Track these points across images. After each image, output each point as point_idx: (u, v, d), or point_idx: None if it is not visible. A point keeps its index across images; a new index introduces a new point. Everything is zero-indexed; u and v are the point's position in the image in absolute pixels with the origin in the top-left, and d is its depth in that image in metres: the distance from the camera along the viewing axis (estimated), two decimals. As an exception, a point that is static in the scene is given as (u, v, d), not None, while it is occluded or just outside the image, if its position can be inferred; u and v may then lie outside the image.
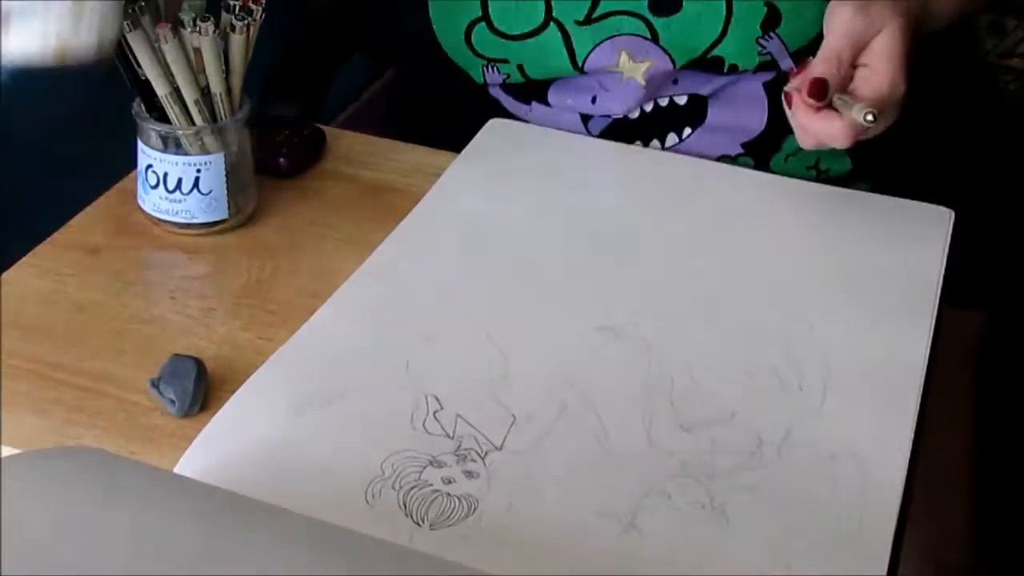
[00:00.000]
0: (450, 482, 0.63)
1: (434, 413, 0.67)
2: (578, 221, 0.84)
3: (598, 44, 0.91)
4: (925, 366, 0.73)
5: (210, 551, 0.48)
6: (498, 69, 0.94)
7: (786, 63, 0.91)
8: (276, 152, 0.90)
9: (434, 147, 0.92)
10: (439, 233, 0.83)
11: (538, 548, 0.60)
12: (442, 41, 0.93)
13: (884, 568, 0.60)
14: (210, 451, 0.64)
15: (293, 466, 0.64)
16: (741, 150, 0.95)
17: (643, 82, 0.92)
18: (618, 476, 0.64)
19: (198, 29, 0.76)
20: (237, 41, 0.78)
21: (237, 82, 0.80)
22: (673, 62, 0.91)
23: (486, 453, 0.65)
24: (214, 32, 0.76)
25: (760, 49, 0.90)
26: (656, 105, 0.94)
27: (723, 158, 0.95)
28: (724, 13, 0.89)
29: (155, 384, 0.69)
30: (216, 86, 0.79)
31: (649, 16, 0.90)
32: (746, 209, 0.86)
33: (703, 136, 0.94)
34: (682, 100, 0.94)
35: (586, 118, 0.96)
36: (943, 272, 0.80)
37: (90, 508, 0.50)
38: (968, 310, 0.88)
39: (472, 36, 0.92)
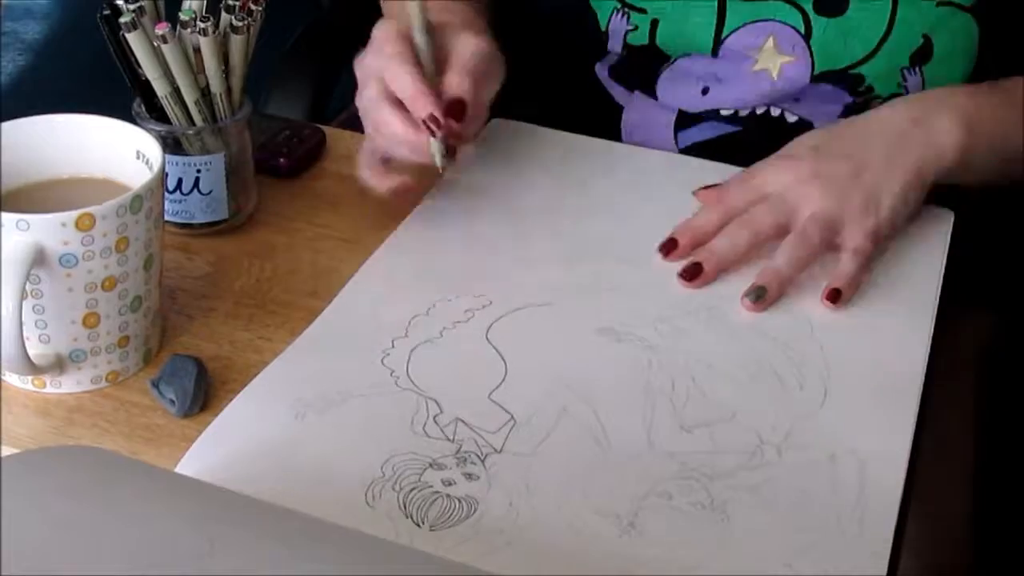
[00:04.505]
0: (450, 484, 0.63)
1: (434, 417, 0.67)
2: (578, 221, 0.84)
3: (750, 23, 0.89)
4: (925, 366, 0.73)
5: (210, 551, 0.48)
6: (629, 17, 0.91)
7: None
8: (276, 152, 0.90)
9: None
10: (439, 234, 0.83)
11: (538, 549, 0.60)
12: None
13: (884, 568, 0.60)
14: (211, 452, 0.64)
15: (293, 467, 0.64)
16: None
17: (775, 77, 0.90)
18: (618, 477, 0.64)
19: (198, 29, 0.76)
20: (237, 41, 0.78)
21: (237, 82, 0.80)
22: (813, 67, 0.89)
23: (486, 456, 0.65)
24: (214, 32, 0.76)
25: (901, 80, 0.89)
26: (758, 121, 0.92)
27: None
28: (884, 30, 0.87)
29: (155, 384, 0.69)
30: (216, 86, 0.79)
31: (811, 12, 0.88)
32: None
33: None
34: (792, 119, 0.92)
35: (679, 125, 0.94)
36: (943, 272, 0.81)
37: (90, 508, 0.50)
38: (978, 311, 0.88)
39: None
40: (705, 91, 0.92)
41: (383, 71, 0.78)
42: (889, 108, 0.86)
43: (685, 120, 0.94)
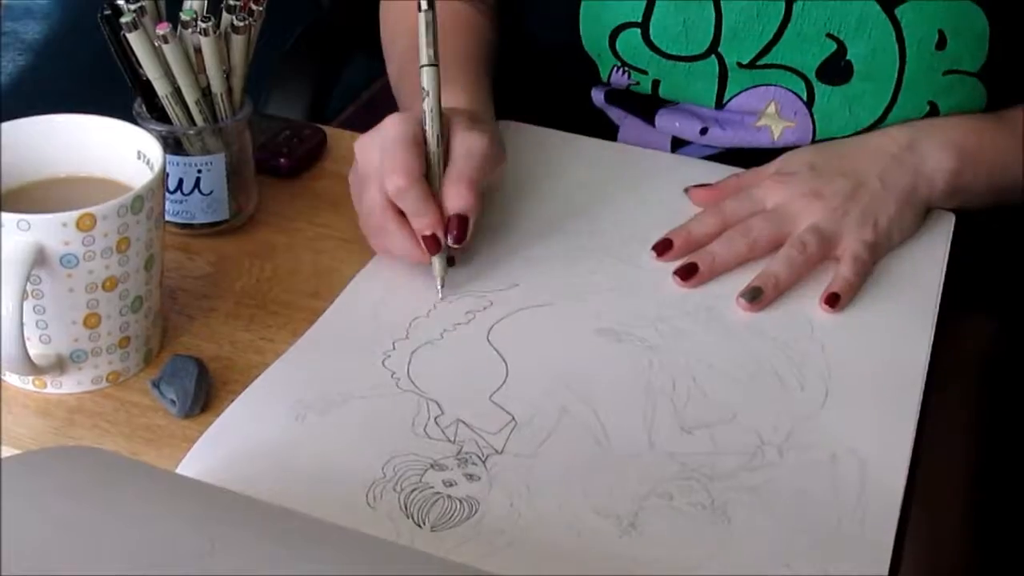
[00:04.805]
0: (451, 484, 0.63)
1: (435, 418, 0.67)
2: (579, 222, 0.84)
3: (752, 88, 0.88)
4: (926, 367, 0.73)
5: (211, 551, 0.48)
6: (629, 75, 0.91)
7: None
8: (276, 152, 0.90)
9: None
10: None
11: (539, 549, 0.60)
12: (583, 30, 0.90)
13: (885, 568, 0.60)
14: (212, 453, 0.64)
15: (294, 468, 0.64)
16: None
17: (775, 137, 0.89)
18: (619, 477, 0.64)
19: (199, 29, 0.76)
20: (238, 41, 0.78)
21: (238, 82, 0.80)
22: (814, 133, 0.88)
23: (487, 456, 0.65)
24: (215, 32, 0.76)
25: None
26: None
27: None
28: (889, 99, 0.86)
29: (156, 384, 0.69)
30: (217, 86, 0.79)
31: (813, 80, 0.87)
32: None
33: None
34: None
35: (675, 146, 0.93)
36: (944, 274, 0.81)
37: (90, 508, 0.50)
38: (978, 311, 0.88)
39: (619, 38, 0.89)
40: (704, 131, 0.92)
41: (385, 176, 0.75)
42: (883, 133, 0.86)
43: (681, 141, 0.94)
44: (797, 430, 0.68)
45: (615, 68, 0.91)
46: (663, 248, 0.81)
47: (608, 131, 0.96)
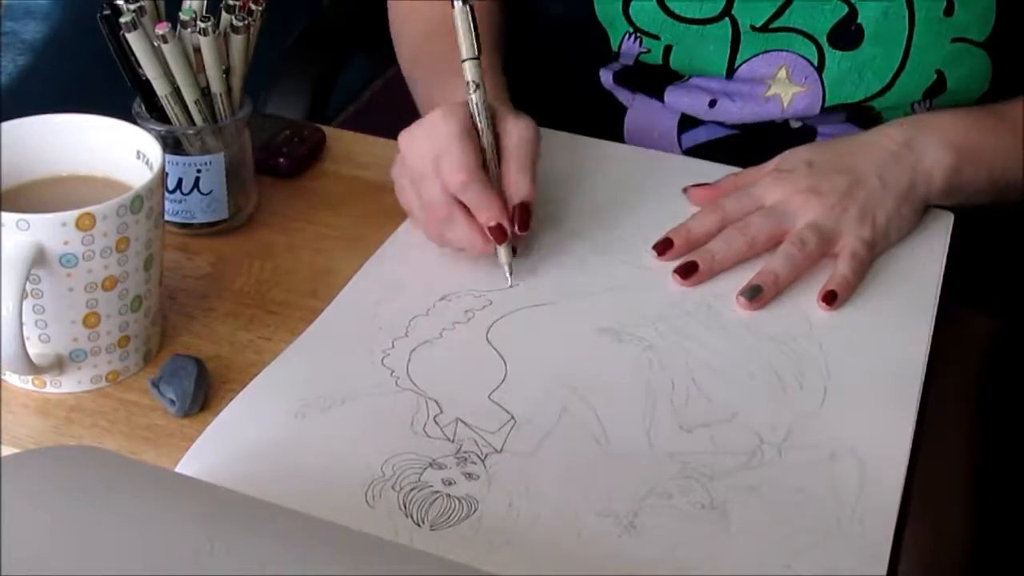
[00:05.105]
0: (450, 483, 0.63)
1: (434, 417, 0.67)
2: (578, 222, 0.84)
3: (763, 53, 0.89)
4: (925, 366, 0.73)
5: (210, 551, 0.48)
6: (641, 42, 0.90)
7: None
8: (276, 152, 0.90)
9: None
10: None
11: (538, 549, 0.60)
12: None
13: (884, 568, 0.60)
14: (211, 452, 0.64)
15: (294, 467, 0.64)
16: None
17: (785, 105, 0.90)
18: (618, 477, 0.64)
19: (198, 29, 0.76)
20: (238, 41, 0.78)
21: (238, 82, 0.80)
22: (824, 99, 0.89)
23: (486, 455, 0.65)
24: (214, 32, 0.76)
25: (911, 112, 0.89)
26: (764, 124, 0.92)
27: None
28: (897, 65, 0.87)
29: (155, 384, 0.69)
30: (216, 86, 0.79)
31: (824, 44, 0.87)
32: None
33: None
34: (796, 124, 0.92)
35: (683, 127, 0.94)
36: (943, 273, 0.81)
37: (90, 508, 0.50)
38: (978, 310, 0.88)
39: (632, 3, 0.89)
40: (713, 103, 0.92)
41: (447, 173, 0.75)
42: (881, 131, 0.86)
43: (689, 122, 0.94)
44: (796, 429, 0.68)
45: (627, 36, 0.91)
46: (663, 247, 0.81)
47: (617, 112, 0.96)
